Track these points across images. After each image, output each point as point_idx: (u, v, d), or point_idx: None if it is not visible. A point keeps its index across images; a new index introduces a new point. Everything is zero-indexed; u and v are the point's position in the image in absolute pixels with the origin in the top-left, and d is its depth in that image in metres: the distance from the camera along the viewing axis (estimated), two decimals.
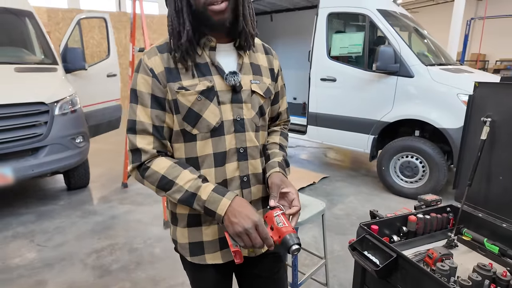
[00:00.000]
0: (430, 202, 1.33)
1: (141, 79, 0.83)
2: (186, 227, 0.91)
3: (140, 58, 0.85)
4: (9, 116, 2.62)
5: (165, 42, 0.86)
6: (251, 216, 0.76)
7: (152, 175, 0.83)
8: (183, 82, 0.82)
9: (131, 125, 0.84)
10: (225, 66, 0.86)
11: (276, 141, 1.04)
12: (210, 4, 0.76)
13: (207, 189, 0.80)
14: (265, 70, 0.96)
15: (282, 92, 1.06)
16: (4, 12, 3.30)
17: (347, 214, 3.07)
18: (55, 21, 8.30)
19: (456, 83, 3.11)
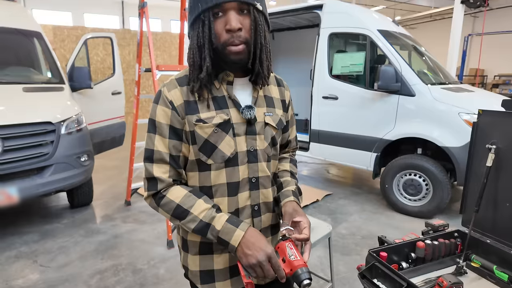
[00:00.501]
0: (438, 227, 1.34)
1: (160, 110, 0.86)
2: (198, 254, 0.93)
3: (160, 89, 0.88)
4: (16, 136, 2.65)
5: (184, 75, 0.89)
6: (265, 248, 0.77)
7: (167, 204, 0.85)
8: (201, 115, 0.85)
9: (149, 154, 0.87)
10: (241, 99, 0.89)
11: (287, 168, 1.07)
12: (229, 45, 0.80)
13: (221, 219, 0.82)
14: (277, 102, 0.99)
15: (291, 121, 1.10)
16: (13, 32, 3.38)
17: (352, 233, 3.05)
18: (60, 38, 8.47)
19: (457, 102, 3.15)
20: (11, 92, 2.92)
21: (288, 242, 0.80)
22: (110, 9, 15.72)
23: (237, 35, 0.78)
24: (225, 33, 0.79)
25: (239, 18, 0.79)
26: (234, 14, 0.78)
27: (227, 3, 0.77)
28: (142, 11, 3.00)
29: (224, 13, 0.79)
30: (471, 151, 1.35)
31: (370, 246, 1.01)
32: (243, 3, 0.78)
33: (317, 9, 4.02)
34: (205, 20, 0.79)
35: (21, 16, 3.59)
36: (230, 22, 0.77)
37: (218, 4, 0.77)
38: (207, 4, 0.77)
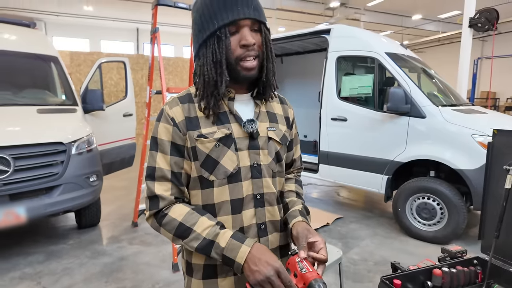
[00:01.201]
0: (455, 253, 1.26)
1: (162, 127, 0.86)
2: (202, 279, 0.89)
3: (162, 108, 0.89)
4: (27, 155, 2.69)
5: (186, 94, 0.90)
6: (272, 262, 0.73)
7: (169, 223, 0.83)
8: (202, 130, 0.85)
9: (150, 171, 0.86)
10: (242, 115, 0.89)
11: (292, 188, 1.04)
12: (243, 59, 0.82)
13: (225, 235, 0.79)
14: (280, 118, 0.99)
15: (296, 140, 1.08)
16: (32, 57, 3.53)
17: (364, 259, 2.93)
18: (77, 63, 8.82)
19: (469, 124, 3.09)
20: (25, 113, 3.01)
21: (298, 256, 0.76)
22: (126, 36, 16.42)
23: (252, 49, 0.82)
24: (239, 48, 0.81)
25: (252, 34, 0.82)
26: (248, 31, 0.82)
27: (243, 20, 0.80)
28: (154, 36, 3.10)
29: (238, 30, 0.82)
30: (487, 173, 1.29)
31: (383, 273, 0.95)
32: (256, 21, 0.82)
33: (325, 34, 4.10)
34: (222, 36, 0.80)
35: (40, 42, 3.76)
36: (246, 38, 0.80)
37: (234, 21, 0.80)
38: (223, 21, 0.79)
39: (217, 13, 0.80)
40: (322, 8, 12.35)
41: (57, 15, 13.55)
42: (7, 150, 2.58)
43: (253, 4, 0.82)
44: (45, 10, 12.85)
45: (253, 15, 0.81)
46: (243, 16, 0.80)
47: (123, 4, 12.04)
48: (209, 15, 0.81)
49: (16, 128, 2.84)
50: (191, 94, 0.90)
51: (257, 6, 0.83)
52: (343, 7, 11.93)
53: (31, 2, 11.92)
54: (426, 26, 14.89)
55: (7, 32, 3.57)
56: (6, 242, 3.21)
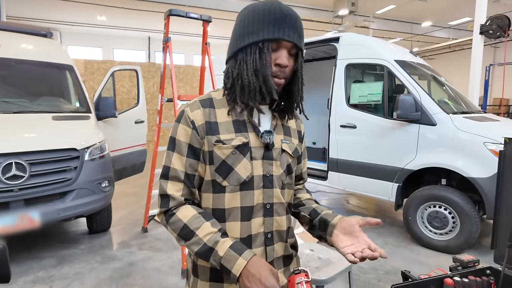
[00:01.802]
0: (467, 263, 1.24)
1: (181, 129, 0.88)
2: (208, 281, 0.90)
3: (183, 109, 0.91)
4: (43, 161, 2.76)
5: (208, 98, 0.92)
6: (265, 281, 0.72)
7: (175, 223, 0.85)
8: (221, 136, 0.87)
9: (165, 171, 0.88)
10: (260, 126, 0.91)
11: (309, 197, 1.08)
12: (275, 77, 0.86)
13: (224, 245, 0.80)
14: (294, 132, 1.02)
15: (304, 154, 1.11)
16: (48, 66, 3.64)
17: (374, 268, 2.89)
18: (90, 71, 9.04)
19: (481, 131, 3.05)
20: (41, 120, 3.09)
21: (300, 276, 0.75)
22: (138, 45, 16.75)
23: (283, 71, 0.85)
24: (274, 66, 0.85)
25: (287, 57, 0.86)
26: (286, 53, 0.85)
27: (286, 42, 0.84)
28: (166, 45, 3.17)
29: (278, 49, 0.85)
30: (499, 182, 1.28)
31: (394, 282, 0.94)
32: (296, 46, 0.86)
33: (334, 42, 4.12)
34: (264, 49, 0.83)
35: (56, 51, 3.89)
36: (282, 58, 0.84)
37: (278, 39, 0.83)
38: (269, 36, 0.82)
39: (265, 26, 0.83)
40: (331, 16, 12.40)
41: (71, 25, 13.94)
42: (23, 156, 2.66)
43: (298, 31, 0.85)
44: (61, 20, 13.25)
45: (296, 40, 0.84)
46: (287, 38, 0.83)
47: (135, 13, 12.32)
48: (257, 24, 0.83)
49: (32, 135, 2.93)
50: (212, 99, 0.92)
51: (301, 34, 0.86)
52: (352, 15, 11.95)
53: (47, 12, 12.31)
54: (436, 33, 14.79)
55: (25, 42, 3.70)
56: (20, 246, 3.28)
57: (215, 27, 12.42)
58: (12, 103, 3.21)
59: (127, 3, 11.13)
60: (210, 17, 3.29)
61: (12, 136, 2.80)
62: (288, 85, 0.91)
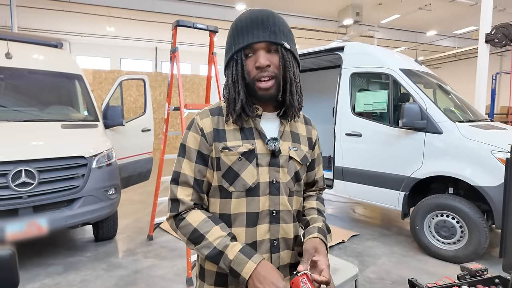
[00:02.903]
0: (475, 272, 1.23)
1: (191, 136, 0.91)
2: (213, 285, 0.91)
3: (193, 117, 0.94)
4: (51, 169, 2.80)
5: (217, 106, 0.96)
6: (276, 283, 0.75)
7: (185, 227, 0.87)
8: (227, 143, 0.89)
9: (175, 176, 0.91)
10: (267, 132, 0.93)
11: (314, 206, 1.06)
12: (258, 80, 0.87)
13: (234, 248, 0.81)
14: (303, 139, 1.01)
15: (318, 160, 1.10)
16: (58, 75, 3.73)
17: (381, 277, 2.85)
18: (98, 80, 9.20)
19: (488, 140, 3.03)
20: (50, 128, 3.15)
21: (303, 277, 0.77)
22: (145, 55, 17.02)
23: (265, 71, 0.86)
24: (255, 69, 0.86)
25: (268, 56, 0.86)
26: (263, 53, 0.86)
27: (257, 44, 0.86)
28: (173, 55, 3.23)
29: (254, 52, 0.87)
30: (507, 190, 1.28)
31: None
32: (271, 43, 0.87)
33: (339, 51, 4.16)
34: (238, 59, 0.88)
35: (66, 61, 3.98)
36: (259, 60, 0.86)
37: (248, 45, 0.86)
38: (239, 45, 0.87)
39: (235, 38, 0.88)
40: (335, 26, 12.51)
41: (81, 36, 14.25)
42: (32, 163, 2.71)
43: (270, 28, 0.86)
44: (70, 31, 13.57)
45: (268, 37, 0.85)
46: (256, 40, 0.85)
47: (143, 24, 12.57)
48: (232, 40, 0.89)
49: (41, 143, 2.98)
50: (221, 108, 0.95)
51: (276, 30, 0.87)
52: (357, 25, 12.04)
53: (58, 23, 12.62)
54: (441, 42, 14.80)
55: (36, 52, 3.80)
56: (27, 253, 3.30)
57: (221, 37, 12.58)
58: (23, 111, 3.28)
59: (135, 14, 11.37)
60: (216, 28, 3.35)
61: (22, 144, 2.85)
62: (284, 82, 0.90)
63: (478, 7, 6.72)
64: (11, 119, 3.09)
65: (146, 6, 9.64)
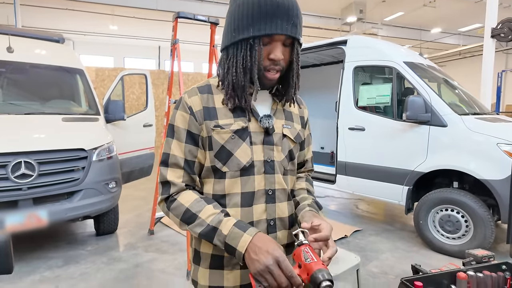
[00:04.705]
0: (481, 258, 1.19)
1: (179, 115, 0.87)
2: (208, 268, 0.88)
3: (181, 96, 0.90)
4: (51, 161, 2.79)
5: (206, 84, 0.91)
6: (272, 251, 0.71)
7: (177, 208, 0.84)
8: (219, 121, 0.86)
9: (165, 158, 0.87)
10: (260, 110, 0.90)
11: (303, 186, 1.04)
12: (268, 71, 0.83)
13: (228, 223, 0.78)
14: (296, 117, 0.99)
15: (308, 140, 1.08)
16: (59, 69, 3.72)
17: (384, 272, 2.81)
18: (101, 78, 9.22)
19: (494, 132, 2.97)
20: (51, 121, 3.14)
21: (304, 247, 0.73)
22: (148, 54, 17.07)
23: (277, 64, 0.83)
24: (267, 59, 0.82)
25: (282, 49, 0.83)
26: (280, 46, 0.82)
27: (277, 36, 0.80)
28: (174, 48, 3.21)
29: (271, 42, 0.82)
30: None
31: None
32: (290, 37, 0.82)
33: (342, 45, 4.11)
34: (255, 45, 0.80)
35: (68, 55, 3.97)
36: (275, 53, 0.81)
37: (269, 35, 0.80)
38: (259, 32, 0.79)
39: (255, 21, 0.79)
40: (339, 24, 12.45)
41: (84, 34, 14.32)
42: (32, 155, 2.69)
43: (293, 20, 0.80)
44: (74, 29, 13.63)
45: (289, 31, 0.80)
46: (280, 32, 0.79)
47: (146, 23, 12.60)
48: (247, 20, 0.79)
49: (41, 135, 2.97)
50: (210, 86, 0.91)
51: (296, 22, 0.81)
52: (360, 22, 11.98)
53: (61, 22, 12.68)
54: (445, 40, 14.67)
55: (38, 47, 3.79)
56: (28, 246, 3.30)
57: None
58: (23, 105, 3.27)
59: (139, 13, 11.39)
60: (217, 20, 3.32)
61: (21, 135, 2.84)
62: (285, 73, 0.88)
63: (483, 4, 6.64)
64: (11, 112, 3.08)
65: (150, 4, 9.65)
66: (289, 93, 0.90)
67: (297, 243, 0.76)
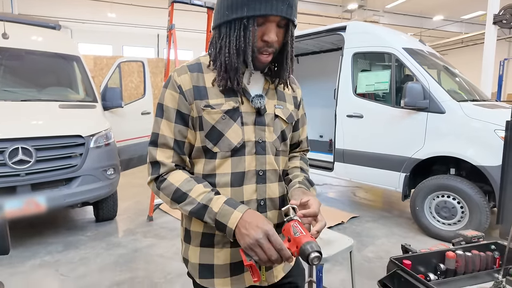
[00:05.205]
0: (471, 238, 1.20)
1: (168, 94, 0.86)
2: (199, 246, 0.89)
3: (170, 74, 0.88)
4: (48, 147, 2.80)
5: (196, 63, 0.89)
6: (261, 225, 0.72)
7: (167, 187, 0.83)
8: (210, 101, 0.84)
9: (154, 138, 0.87)
10: (251, 90, 0.89)
11: (297, 165, 1.04)
12: (261, 53, 0.82)
13: (218, 201, 0.79)
14: (288, 97, 0.98)
15: (302, 120, 1.07)
16: (55, 56, 3.69)
17: (379, 257, 2.84)
18: (99, 67, 9.14)
19: (492, 118, 2.96)
20: (48, 108, 3.14)
21: (294, 222, 0.75)
22: (147, 42, 16.88)
23: (271, 46, 0.81)
24: (260, 41, 0.80)
25: (276, 30, 0.81)
26: (274, 27, 0.80)
27: (272, 16, 0.79)
28: (170, 33, 3.18)
29: (265, 23, 0.80)
30: (506, 155, 1.24)
31: None
32: (285, 18, 0.80)
33: (341, 31, 4.06)
34: (249, 25, 0.78)
35: (64, 42, 3.94)
36: (269, 35, 0.80)
37: (264, 15, 0.78)
38: (254, 12, 0.77)
39: (250, 0, 0.77)
40: (340, 11, 12.27)
41: (82, 22, 14.14)
42: (29, 142, 2.70)
43: (288, 1, 0.78)
44: (71, 17, 13.46)
45: (285, 12, 0.78)
46: (275, 13, 0.77)
47: (144, 10, 12.43)
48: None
49: (39, 122, 2.97)
50: (201, 64, 0.89)
51: (292, 3, 0.79)
52: (361, 9, 11.81)
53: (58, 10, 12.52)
54: (447, 27, 14.47)
55: (34, 33, 3.76)
56: (28, 232, 3.34)
57: None
58: (20, 92, 3.26)
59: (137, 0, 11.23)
60: (214, 4, 3.27)
61: (18, 122, 2.84)
62: (278, 55, 0.87)
63: None
64: (8, 99, 3.07)
65: None
66: (282, 76, 0.89)
67: (286, 219, 0.77)
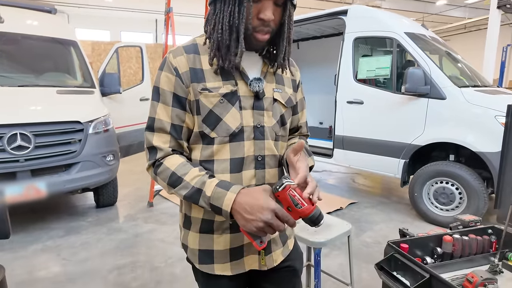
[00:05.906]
0: (468, 222, 1.21)
1: (164, 77, 0.83)
2: (199, 232, 0.89)
3: (165, 56, 0.85)
4: (47, 133, 2.79)
5: (192, 44, 0.86)
6: (267, 205, 0.71)
7: (163, 172, 0.82)
8: (207, 84, 0.82)
9: (150, 122, 0.84)
10: (249, 73, 0.86)
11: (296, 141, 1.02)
12: (257, 32, 0.79)
13: (211, 184, 0.77)
14: (287, 81, 0.96)
15: (301, 104, 1.04)
16: (52, 41, 3.63)
17: (377, 242, 2.88)
18: (97, 52, 9.03)
19: (493, 104, 2.94)
20: (45, 94, 3.11)
21: (288, 190, 0.73)
22: (145, 27, 16.61)
23: (267, 25, 0.78)
24: (256, 19, 0.77)
25: (274, 9, 0.78)
26: (271, 5, 0.77)
27: None
28: (168, 16, 3.12)
29: (262, 0, 0.77)
30: (506, 138, 1.23)
31: None
32: None
33: (342, 15, 3.99)
34: (244, 1, 0.75)
35: (61, 27, 3.86)
36: (265, 12, 0.76)
37: None
38: None
39: None
40: None
41: (79, 7, 13.88)
42: (28, 127, 2.69)
43: None
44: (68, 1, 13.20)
45: None
46: None
47: None
48: None
49: (37, 107, 2.95)
50: (197, 45, 0.85)
51: None
52: None
53: None
54: (451, 12, 14.20)
55: (29, 17, 3.68)
56: (30, 218, 3.37)
57: None
58: (17, 78, 3.22)
59: None
60: None
61: (16, 108, 2.82)
62: (275, 36, 0.84)
63: None
64: (4, 84, 3.04)
65: None
66: (279, 58, 0.86)
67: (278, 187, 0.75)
